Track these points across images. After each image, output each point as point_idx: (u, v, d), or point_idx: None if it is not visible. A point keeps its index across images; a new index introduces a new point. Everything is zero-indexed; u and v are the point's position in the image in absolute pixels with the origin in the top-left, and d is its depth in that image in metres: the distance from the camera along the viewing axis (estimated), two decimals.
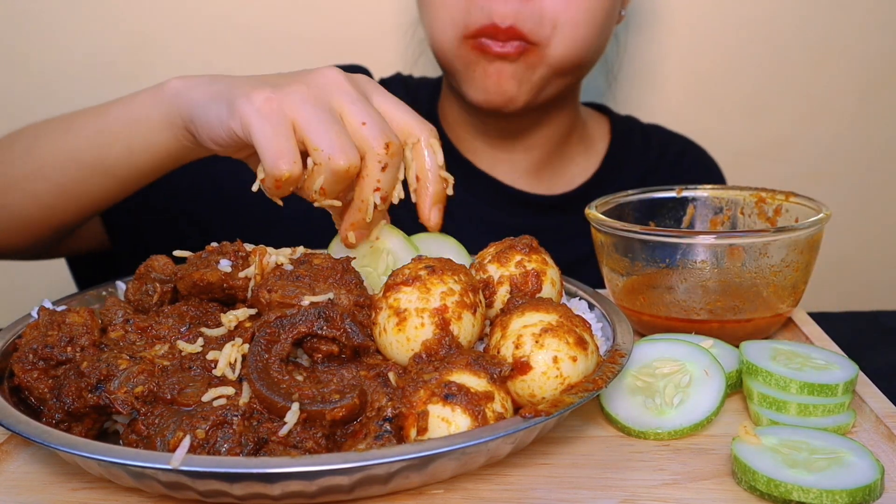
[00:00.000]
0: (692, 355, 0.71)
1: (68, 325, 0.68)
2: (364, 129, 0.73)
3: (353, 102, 0.74)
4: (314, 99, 0.73)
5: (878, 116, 1.60)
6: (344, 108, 0.74)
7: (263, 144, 0.71)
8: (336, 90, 0.75)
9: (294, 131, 0.72)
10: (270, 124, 0.71)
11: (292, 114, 0.72)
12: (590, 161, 1.29)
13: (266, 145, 0.71)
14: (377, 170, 0.73)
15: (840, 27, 1.54)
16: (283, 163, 0.71)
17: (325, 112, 0.73)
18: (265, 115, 0.72)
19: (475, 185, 1.24)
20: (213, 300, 0.73)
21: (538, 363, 0.61)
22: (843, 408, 0.67)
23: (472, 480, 0.61)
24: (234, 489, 0.54)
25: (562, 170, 1.28)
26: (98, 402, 0.61)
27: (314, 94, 0.74)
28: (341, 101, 0.74)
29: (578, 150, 1.29)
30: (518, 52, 1.05)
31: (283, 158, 0.71)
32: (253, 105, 0.72)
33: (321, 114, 0.72)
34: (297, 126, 0.72)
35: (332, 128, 0.72)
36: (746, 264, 0.83)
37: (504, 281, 0.72)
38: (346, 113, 0.74)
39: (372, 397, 0.62)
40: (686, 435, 0.66)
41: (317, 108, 0.73)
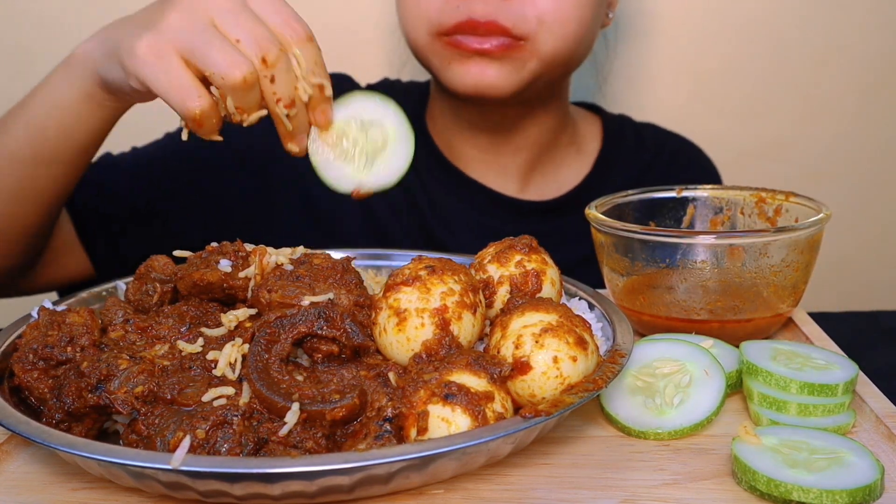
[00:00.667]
0: (692, 355, 0.71)
1: (68, 325, 0.68)
2: (239, 46, 0.72)
3: (225, 16, 0.73)
4: (191, 24, 0.73)
5: (878, 116, 1.59)
6: (218, 25, 0.74)
7: (164, 92, 0.72)
8: (209, 6, 0.74)
9: (187, 64, 0.73)
10: (162, 70, 0.72)
11: (177, 49, 0.72)
12: (582, 162, 1.28)
13: (167, 92, 0.72)
14: (267, 84, 0.73)
15: (840, 27, 1.54)
16: (189, 101, 0.72)
17: (205, 33, 0.72)
18: (153, 63, 0.72)
19: (466, 193, 1.22)
20: (213, 300, 0.73)
21: (538, 363, 0.61)
22: (843, 408, 0.67)
23: (472, 480, 0.61)
24: (235, 489, 0.54)
25: (553, 173, 1.26)
26: (98, 402, 0.61)
27: (189, 18, 0.73)
28: (215, 19, 0.73)
29: (569, 151, 1.27)
30: (502, 49, 1.03)
31: (188, 96, 0.72)
32: (139, 58, 0.73)
33: (202, 36, 0.72)
34: (185, 59, 0.72)
35: (213, 46, 0.72)
36: (746, 264, 0.83)
37: (504, 281, 0.72)
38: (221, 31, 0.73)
39: (372, 397, 0.62)
40: (686, 435, 0.66)
41: (195, 33, 0.72)
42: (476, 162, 1.23)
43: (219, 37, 0.72)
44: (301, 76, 0.75)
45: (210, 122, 0.73)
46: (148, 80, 0.73)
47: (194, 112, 0.72)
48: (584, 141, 1.29)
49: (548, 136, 1.23)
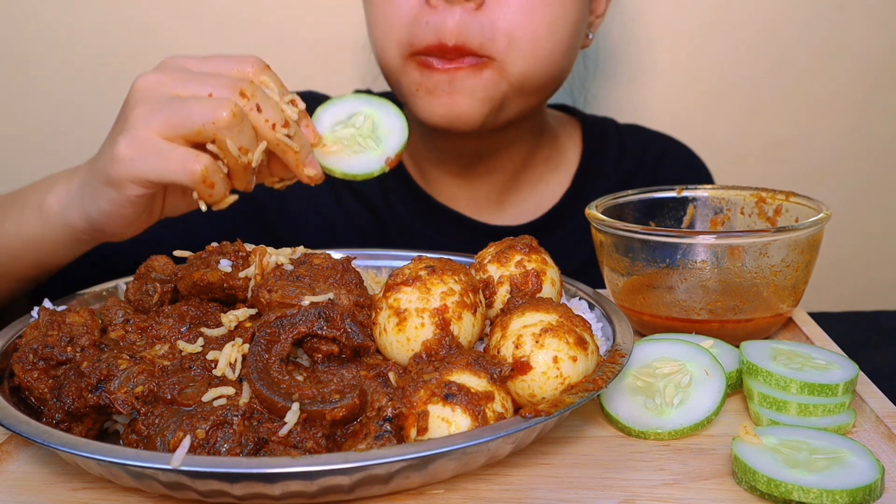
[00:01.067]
0: (692, 355, 0.71)
1: (68, 325, 0.68)
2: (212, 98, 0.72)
3: (183, 85, 0.74)
4: (156, 107, 0.72)
5: (878, 116, 1.60)
6: (181, 94, 0.73)
7: (163, 172, 0.71)
8: (162, 86, 0.74)
9: (173, 141, 0.72)
10: (150, 155, 0.71)
11: (156, 132, 0.72)
12: (560, 178, 1.21)
13: (165, 170, 0.71)
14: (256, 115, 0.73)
15: (840, 28, 1.54)
16: (190, 164, 0.71)
17: (174, 103, 0.72)
18: (140, 155, 0.72)
19: (438, 220, 1.16)
20: (213, 300, 0.73)
21: (538, 363, 0.61)
22: (843, 408, 0.67)
23: (472, 480, 0.61)
24: (235, 489, 0.54)
25: (530, 192, 1.19)
26: (98, 402, 0.61)
27: (151, 103, 0.73)
28: (176, 91, 0.73)
29: (547, 167, 1.20)
30: (470, 66, 0.97)
31: (187, 161, 0.71)
32: (124, 159, 0.72)
33: (172, 106, 0.72)
34: (168, 137, 0.72)
35: (188, 106, 0.71)
36: (747, 264, 0.83)
37: (504, 281, 0.72)
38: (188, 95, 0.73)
39: (372, 397, 0.62)
40: (686, 435, 0.66)
41: (164, 110, 0.72)
42: (448, 187, 1.17)
43: (190, 98, 0.72)
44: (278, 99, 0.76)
45: (218, 179, 0.73)
46: (142, 172, 0.72)
47: (199, 171, 0.71)
48: (562, 153, 1.23)
49: (523, 158, 1.17)
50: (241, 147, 0.72)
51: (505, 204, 1.19)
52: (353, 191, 1.18)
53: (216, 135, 0.71)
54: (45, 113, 1.54)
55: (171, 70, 0.75)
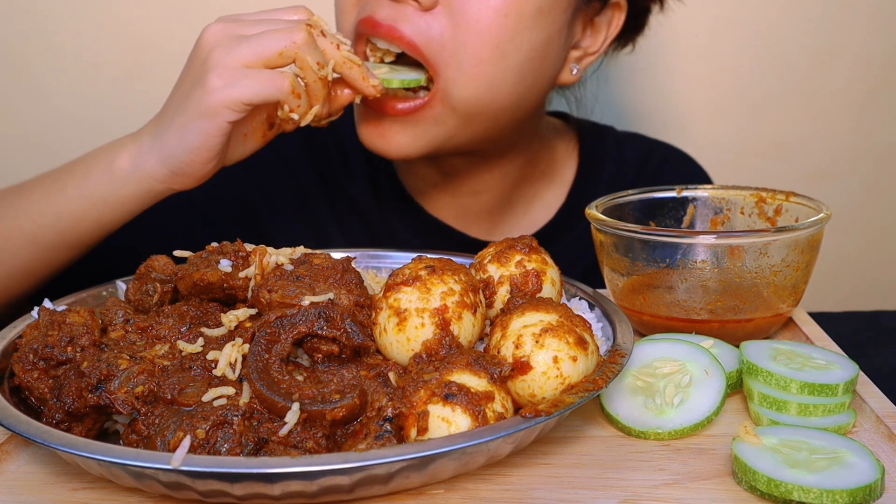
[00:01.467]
0: (692, 355, 0.71)
1: (68, 325, 0.68)
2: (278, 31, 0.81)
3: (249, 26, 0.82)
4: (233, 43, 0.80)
5: (878, 116, 1.60)
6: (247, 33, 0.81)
7: (256, 92, 0.79)
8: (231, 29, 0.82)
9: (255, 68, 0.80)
10: (242, 79, 0.79)
11: (241, 62, 0.79)
12: (555, 192, 1.16)
13: (257, 91, 0.79)
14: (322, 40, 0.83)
15: (841, 28, 1.54)
16: (277, 80, 0.79)
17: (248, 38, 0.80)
18: (233, 81, 0.79)
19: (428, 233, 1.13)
20: (213, 300, 0.73)
21: (538, 363, 0.61)
22: (843, 408, 0.67)
23: (472, 480, 0.61)
24: (235, 489, 0.54)
25: (523, 209, 1.15)
26: (98, 402, 0.61)
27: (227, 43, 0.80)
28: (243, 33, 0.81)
29: (543, 183, 1.15)
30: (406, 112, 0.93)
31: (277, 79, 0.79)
32: (217, 90, 0.79)
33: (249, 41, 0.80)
34: (250, 63, 0.79)
35: (263, 35, 0.80)
36: (747, 264, 0.83)
37: (504, 281, 0.72)
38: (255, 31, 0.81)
39: (372, 397, 0.62)
40: (686, 435, 0.66)
41: (240, 43, 0.80)
42: (437, 201, 1.13)
43: (258, 32, 0.81)
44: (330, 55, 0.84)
45: (302, 92, 0.81)
46: (237, 95, 0.79)
47: (287, 85, 0.79)
48: (558, 168, 1.18)
49: (516, 177, 1.11)
50: (318, 62, 0.81)
51: (497, 221, 1.15)
52: (348, 197, 1.17)
53: (297, 53, 0.80)
54: (45, 113, 1.54)
55: (233, 19, 0.83)
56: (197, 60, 0.82)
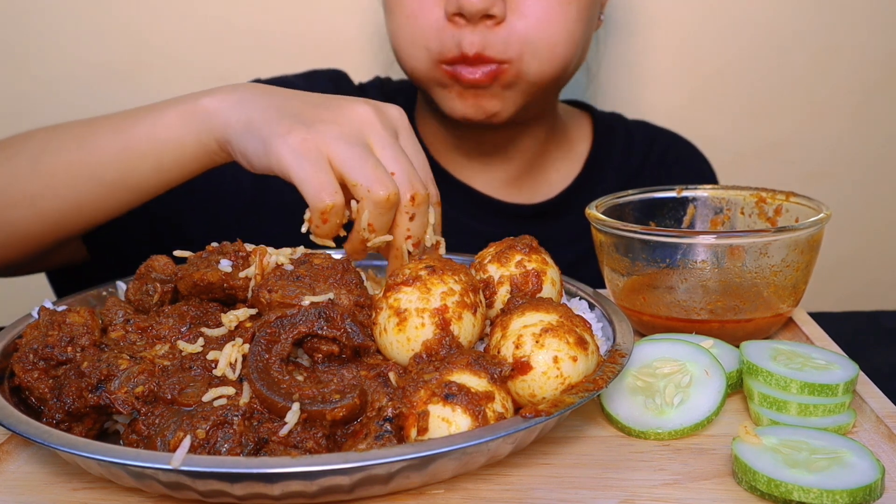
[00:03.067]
0: (692, 355, 0.71)
1: (69, 325, 0.68)
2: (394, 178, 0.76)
3: (384, 147, 0.77)
4: (348, 137, 0.76)
5: (878, 116, 1.60)
6: (375, 150, 0.77)
7: (304, 181, 0.74)
8: (369, 130, 0.78)
9: (333, 168, 0.75)
10: (309, 163, 0.74)
11: (328, 152, 0.75)
12: (571, 165, 1.27)
13: (307, 181, 0.74)
14: (405, 220, 0.77)
15: (840, 27, 1.54)
16: (325, 195, 0.73)
17: (360, 147, 0.75)
18: (302, 156, 0.74)
19: (453, 195, 1.21)
20: (213, 300, 0.73)
21: (538, 363, 0.61)
22: (843, 408, 0.67)
23: (472, 480, 0.61)
24: (235, 489, 0.54)
25: (542, 177, 1.26)
26: (98, 402, 0.61)
27: (348, 132, 0.76)
28: (373, 143, 0.77)
29: (558, 155, 1.27)
30: (490, 77, 1.03)
31: (325, 190, 0.73)
32: (289, 146, 0.75)
33: (356, 149, 0.75)
34: (333, 164, 0.75)
35: (367, 162, 0.74)
36: (747, 264, 0.83)
37: (504, 281, 0.72)
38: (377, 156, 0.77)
39: (372, 397, 0.62)
40: (686, 435, 0.66)
41: (351, 144, 0.75)
42: (464, 167, 1.23)
43: (374, 157, 0.76)
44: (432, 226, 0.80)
45: (334, 222, 0.75)
46: (291, 168, 0.74)
47: (326, 205, 0.73)
48: (573, 143, 1.29)
49: (538, 146, 1.23)
50: (371, 225, 0.75)
51: (520, 186, 1.25)
52: None
53: (362, 200, 0.74)
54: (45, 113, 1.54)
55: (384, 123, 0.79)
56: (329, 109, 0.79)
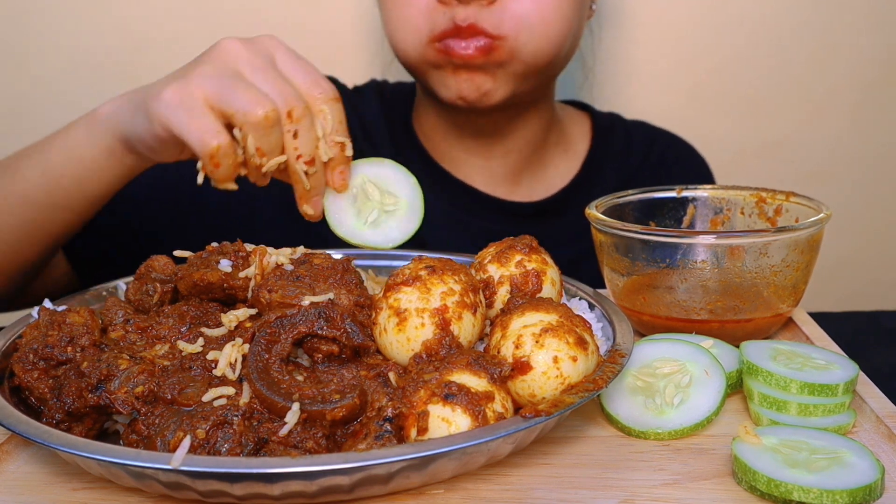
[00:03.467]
0: (692, 355, 0.71)
1: (68, 325, 0.68)
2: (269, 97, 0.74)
3: (255, 71, 0.75)
4: (218, 73, 0.75)
5: (878, 116, 1.60)
6: (246, 76, 0.75)
7: (184, 129, 0.73)
8: (237, 61, 0.76)
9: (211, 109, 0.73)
10: (184, 110, 0.73)
11: (201, 94, 0.74)
12: (570, 163, 1.27)
13: (187, 129, 0.73)
14: (290, 139, 0.74)
15: (840, 27, 1.54)
16: (207, 136, 0.72)
17: (232, 79, 0.74)
18: (177, 106, 0.74)
19: (453, 194, 1.21)
20: (213, 300, 0.73)
21: (538, 363, 0.61)
22: (843, 408, 0.67)
23: (472, 480, 0.61)
24: (235, 489, 0.54)
25: (541, 174, 1.26)
26: (98, 402, 0.61)
27: (217, 69, 0.75)
28: (243, 71, 0.75)
29: (557, 152, 1.27)
30: (483, 51, 1.03)
31: (207, 132, 0.72)
32: (164, 102, 0.75)
33: (225, 80, 0.74)
34: (209, 102, 0.73)
35: (237, 88, 0.73)
36: (747, 264, 0.83)
37: (504, 281, 0.72)
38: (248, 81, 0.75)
39: (372, 397, 0.62)
40: (686, 435, 0.66)
41: (220, 78, 0.74)
42: (464, 164, 1.22)
43: (245, 82, 0.74)
44: (324, 136, 0.76)
45: (226, 163, 0.73)
46: (170, 121, 0.74)
47: (212, 147, 0.71)
48: (572, 141, 1.29)
49: (537, 137, 1.22)
50: (260, 149, 0.73)
51: (518, 183, 1.24)
52: None
53: (243, 126, 0.72)
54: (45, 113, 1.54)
55: (254, 49, 0.77)
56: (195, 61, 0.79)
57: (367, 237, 0.79)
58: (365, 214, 0.80)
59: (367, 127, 1.24)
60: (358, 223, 0.79)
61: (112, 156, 0.86)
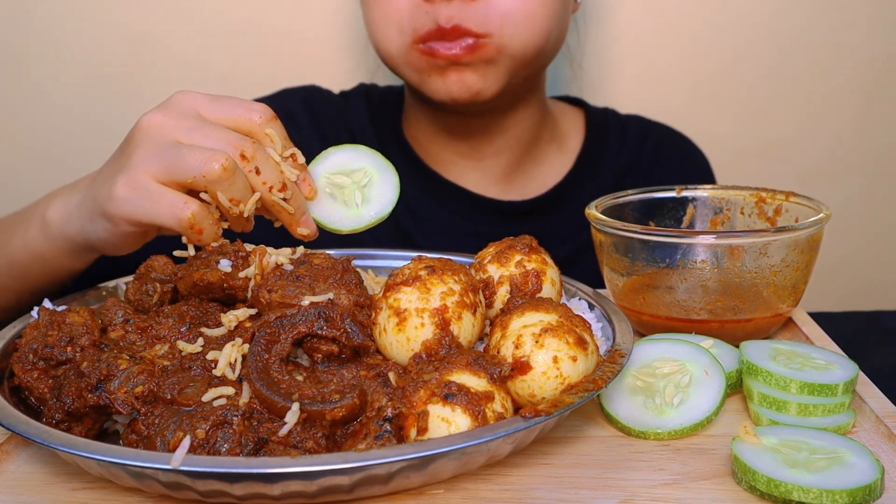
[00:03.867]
0: (692, 355, 0.71)
1: (68, 325, 0.68)
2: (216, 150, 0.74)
3: (189, 131, 0.75)
4: (156, 150, 0.74)
5: (878, 116, 1.60)
6: (183, 142, 0.74)
7: (154, 215, 0.73)
8: (166, 131, 0.75)
9: (167, 186, 0.73)
10: (143, 199, 0.73)
11: (150, 176, 0.73)
12: (563, 159, 1.26)
13: (156, 213, 0.73)
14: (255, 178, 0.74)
15: (841, 27, 1.54)
16: (178, 211, 0.72)
17: (174, 149, 0.73)
18: (135, 198, 0.73)
19: (445, 196, 1.20)
20: (213, 300, 0.73)
21: (538, 363, 0.61)
22: (843, 408, 0.67)
23: (472, 480, 0.61)
24: (235, 489, 0.54)
25: (534, 172, 1.24)
26: (98, 402, 0.61)
27: (153, 146, 0.74)
28: (180, 139, 0.75)
29: (550, 149, 1.25)
30: (469, 50, 1.01)
31: (176, 208, 0.72)
32: (119, 199, 0.74)
33: (167, 154, 0.73)
34: (162, 181, 0.73)
35: (182, 155, 0.72)
36: (746, 264, 0.83)
37: (504, 281, 0.72)
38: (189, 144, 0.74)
39: (372, 397, 0.62)
40: (686, 435, 0.66)
41: (160, 153, 0.74)
42: (455, 165, 1.21)
43: (186, 147, 0.73)
44: (279, 159, 0.76)
45: (207, 225, 0.74)
46: (134, 214, 0.74)
47: (188, 217, 0.72)
48: (565, 136, 1.27)
49: (529, 134, 1.21)
50: (233, 199, 0.73)
51: (511, 182, 1.23)
52: None
53: (207, 187, 0.72)
54: (45, 113, 1.54)
55: (177, 113, 0.76)
56: (126, 147, 0.77)
57: (368, 215, 0.80)
58: (351, 201, 0.80)
59: (354, 132, 1.23)
60: (351, 211, 0.80)
61: (73, 254, 0.86)
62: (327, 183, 0.80)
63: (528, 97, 1.17)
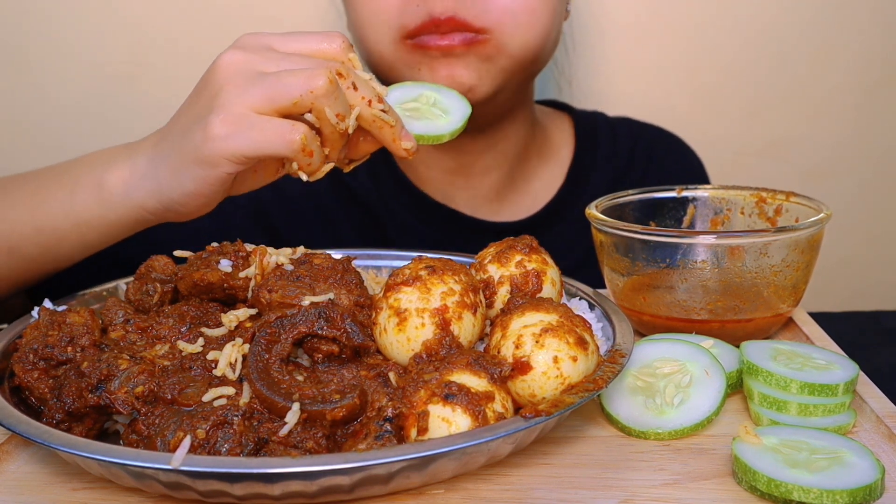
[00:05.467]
0: (693, 355, 0.71)
1: (69, 325, 0.68)
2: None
3: (278, 61, 0.72)
4: (246, 82, 0.71)
5: (879, 116, 1.60)
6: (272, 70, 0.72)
7: (262, 145, 0.70)
8: (251, 64, 0.72)
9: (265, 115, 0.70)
10: (247, 130, 0.70)
11: (250, 107, 0.70)
12: (554, 173, 1.22)
13: (264, 143, 0.70)
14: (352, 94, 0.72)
15: (841, 27, 1.54)
16: (288, 134, 0.69)
17: (265, 78, 0.71)
18: (237, 131, 0.70)
19: (434, 219, 1.16)
20: (213, 300, 0.73)
21: (538, 363, 0.61)
22: (843, 408, 0.67)
23: (472, 480, 0.61)
24: (235, 489, 0.54)
25: (525, 188, 1.20)
26: (98, 402, 0.61)
27: (242, 80, 0.71)
28: (265, 69, 0.72)
29: (540, 162, 1.21)
30: (465, 43, 0.97)
31: (285, 132, 0.69)
32: (218, 138, 0.70)
33: (265, 82, 0.70)
34: (261, 111, 0.70)
35: (281, 80, 0.70)
36: (747, 264, 0.83)
37: (504, 281, 0.72)
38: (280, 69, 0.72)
39: (372, 397, 0.62)
40: (686, 435, 0.66)
41: (255, 84, 0.70)
42: (446, 187, 1.17)
43: (284, 71, 0.71)
44: (372, 77, 0.75)
45: (315, 147, 0.71)
46: (239, 149, 0.70)
47: (298, 140, 0.69)
48: (554, 147, 1.23)
49: (518, 149, 1.17)
50: (339, 114, 0.71)
51: (502, 201, 1.20)
52: (353, 194, 1.18)
53: (314, 103, 0.70)
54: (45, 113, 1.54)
55: (256, 48, 0.73)
56: (206, 91, 0.73)
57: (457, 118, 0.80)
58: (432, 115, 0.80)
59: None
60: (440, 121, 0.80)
61: (139, 223, 0.81)
62: (401, 112, 0.79)
63: (517, 110, 1.14)
